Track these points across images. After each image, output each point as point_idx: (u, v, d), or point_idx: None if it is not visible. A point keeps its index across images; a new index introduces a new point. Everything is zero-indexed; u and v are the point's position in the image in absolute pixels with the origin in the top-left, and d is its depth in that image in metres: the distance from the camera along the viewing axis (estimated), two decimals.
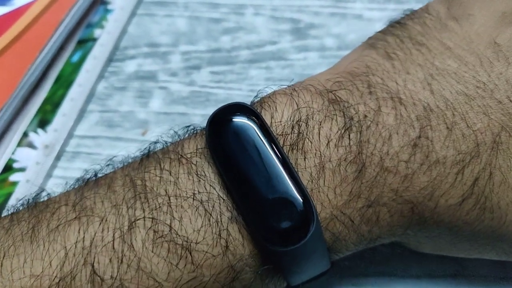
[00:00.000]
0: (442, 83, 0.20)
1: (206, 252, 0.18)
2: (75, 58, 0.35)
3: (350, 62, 0.22)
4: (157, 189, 0.19)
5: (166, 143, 0.21)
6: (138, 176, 0.20)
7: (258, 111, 0.20)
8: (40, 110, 0.32)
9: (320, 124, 0.19)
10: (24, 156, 0.30)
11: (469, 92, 0.20)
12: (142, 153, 0.21)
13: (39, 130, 0.31)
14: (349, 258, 0.22)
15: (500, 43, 0.21)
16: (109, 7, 0.38)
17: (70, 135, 0.32)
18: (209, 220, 0.18)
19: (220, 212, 0.18)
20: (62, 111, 0.32)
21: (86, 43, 0.35)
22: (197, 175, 0.19)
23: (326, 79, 0.21)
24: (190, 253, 0.18)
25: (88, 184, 0.20)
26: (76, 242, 0.18)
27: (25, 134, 0.31)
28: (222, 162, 0.19)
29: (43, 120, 0.32)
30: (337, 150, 0.19)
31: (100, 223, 0.18)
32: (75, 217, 0.19)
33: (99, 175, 0.21)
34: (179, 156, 0.20)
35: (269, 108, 0.20)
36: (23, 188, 0.29)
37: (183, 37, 0.36)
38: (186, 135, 0.21)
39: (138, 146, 0.22)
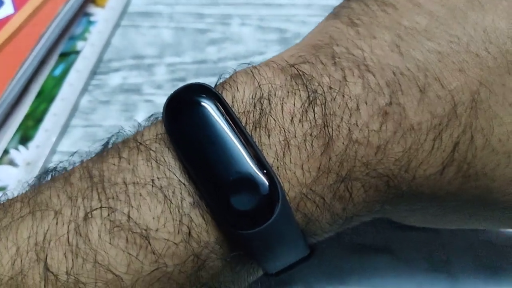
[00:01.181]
0: (411, 43, 0.19)
1: (167, 240, 0.17)
2: (58, 71, 0.34)
3: (313, 35, 0.21)
4: (114, 178, 0.18)
5: (126, 133, 0.20)
6: (96, 166, 0.19)
7: (220, 92, 0.19)
8: (22, 126, 0.31)
9: (282, 100, 0.18)
10: (5, 174, 0.29)
11: (442, 49, 0.19)
12: (102, 144, 0.20)
13: (21, 147, 0.30)
14: (339, 272, 0.21)
15: None
16: (92, 18, 0.37)
17: (52, 151, 0.31)
18: (169, 207, 0.17)
19: (181, 197, 0.17)
20: (44, 126, 0.31)
21: (69, 56, 0.35)
22: (156, 161, 0.18)
23: (289, 55, 0.20)
24: (150, 242, 0.17)
25: (45, 180, 0.20)
26: (29, 237, 0.17)
27: (5, 151, 0.30)
28: (181, 146, 0.18)
29: (24, 137, 0.31)
30: (302, 125, 0.18)
31: (55, 217, 0.17)
32: (29, 212, 0.18)
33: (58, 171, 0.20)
34: (138, 143, 0.19)
35: (230, 88, 0.19)
36: None
37: (168, 49, 0.36)
38: (149, 124, 0.20)
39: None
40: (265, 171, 0.17)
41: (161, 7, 0.38)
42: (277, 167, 0.18)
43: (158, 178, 0.18)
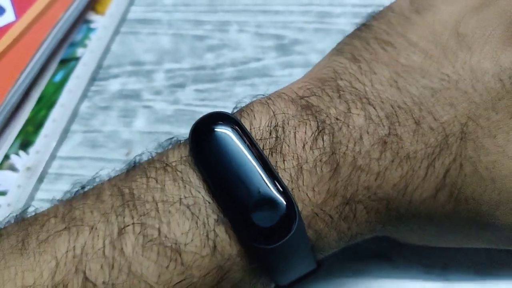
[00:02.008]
0: (407, 80, 0.21)
1: (195, 253, 0.18)
2: (58, 77, 0.34)
3: (319, 69, 0.23)
4: (144, 197, 0.19)
5: (151, 154, 0.22)
6: (125, 185, 0.20)
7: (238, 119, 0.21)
8: (22, 131, 0.31)
9: (295, 129, 0.20)
10: (5, 179, 0.29)
11: (434, 85, 0.20)
12: (128, 165, 0.21)
13: (21, 152, 0.31)
14: (337, 277, 0.21)
15: (463, 32, 0.21)
16: (92, 25, 0.37)
17: (52, 157, 0.31)
18: (196, 223, 0.19)
19: (207, 214, 0.19)
20: (44, 132, 0.31)
21: (69, 62, 0.35)
22: (182, 181, 0.19)
23: (298, 87, 0.22)
24: (180, 255, 0.18)
25: (76, 196, 0.21)
26: (67, 251, 0.18)
27: (6, 157, 0.30)
28: (206, 168, 0.19)
29: (24, 142, 0.31)
30: (313, 152, 0.20)
31: (90, 232, 0.19)
32: (65, 228, 0.19)
33: (87, 187, 0.21)
34: (165, 164, 0.20)
35: (248, 116, 0.21)
36: (4, 212, 0.28)
37: (167, 55, 0.36)
38: (170, 146, 0.22)
39: (122, 166, 0.22)
40: (282, 192, 0.18)
41: (160, 14, 0.38)
42: (292, 189, 0.19)
43: (185, 197, 0.19)
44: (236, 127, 0.20)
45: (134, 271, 0.18)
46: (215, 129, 0.20)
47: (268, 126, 0.20)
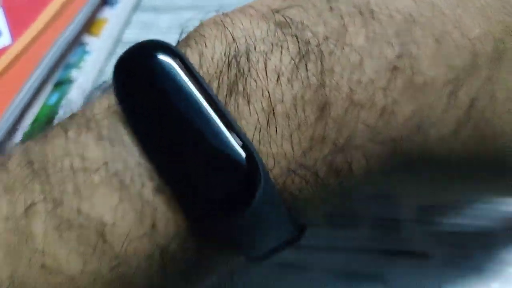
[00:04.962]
0: None
1: (127, 234, 0.14)
2: (52, 100, 0.34)
3: None
4: (60, 164, 0.15)
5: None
6: (38, 149, 0.16)
7: (183, 50, 0.16)
8: None
9: (266, 56, 0.15)
10: None
11: None
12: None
13: None
14: None
15: None
16: (87, 48, 0.38)
17: None
18: (128, 195, 0.14)
19: (141, 182, 0.15)
20: None
21: (63, 84, 0.35)
22: (108, 140, 0.15)
23: None
24: (107, 239, 0.14)
25: None
26: None
27: None
28: (139, 120, 0.15)
29: None
30: (291, 86, 0.15)
31: None
32: None
33: None
34: (87, 119, 0.16)
35: (196, 44, 0.16)
36: None
37: None
38: (101, 93, 0.17)
39: None
40: (242, 145, 0.14)
41: (155, 36, 0.39)
42: (259, 140, 0.15)
43: (112, 160, 0.15)
44: (178, 60, 0.15)
45: (49, 262, 0.14)
46: (146, 64, 0.15)
47: (226, 55, 0.15)
